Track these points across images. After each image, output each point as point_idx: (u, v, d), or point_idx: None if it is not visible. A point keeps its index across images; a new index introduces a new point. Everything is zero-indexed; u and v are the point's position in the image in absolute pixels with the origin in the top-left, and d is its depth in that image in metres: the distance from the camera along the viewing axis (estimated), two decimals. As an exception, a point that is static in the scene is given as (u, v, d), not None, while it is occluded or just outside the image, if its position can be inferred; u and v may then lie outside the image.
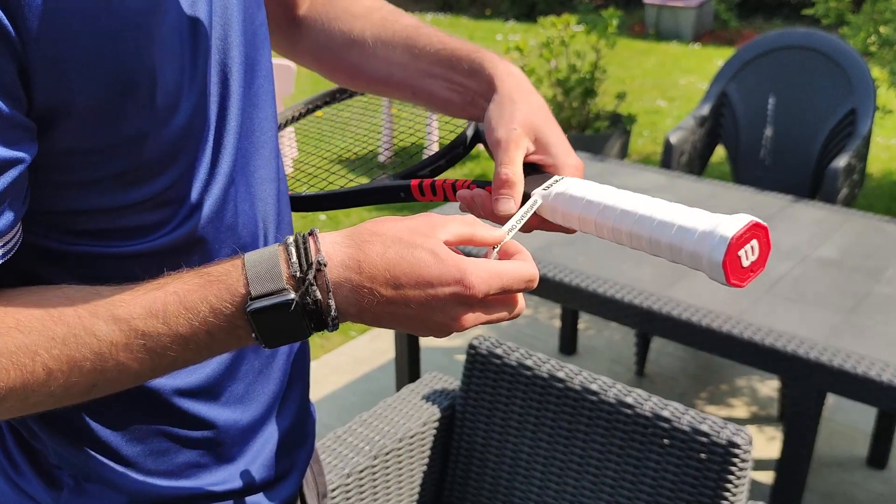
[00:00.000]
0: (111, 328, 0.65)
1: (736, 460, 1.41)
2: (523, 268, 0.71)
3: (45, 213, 0.69)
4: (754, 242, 0.67)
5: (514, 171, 0.79)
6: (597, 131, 4.91)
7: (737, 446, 1.40)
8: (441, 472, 1.72)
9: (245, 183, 0.81)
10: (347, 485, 1.53)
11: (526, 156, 0.82)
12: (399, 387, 2.60)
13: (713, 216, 0.69)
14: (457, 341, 3.40)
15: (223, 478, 0.87)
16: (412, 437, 1.63)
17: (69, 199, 0.69)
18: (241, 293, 0.66)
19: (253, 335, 0.67)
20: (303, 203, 0.97)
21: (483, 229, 0.73)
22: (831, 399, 2.90)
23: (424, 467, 1.68)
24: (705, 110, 3.35)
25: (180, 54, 0.69)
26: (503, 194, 0.79)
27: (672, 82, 7.76)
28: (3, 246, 0.64)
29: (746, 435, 1.41)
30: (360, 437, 1.61)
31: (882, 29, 3.78)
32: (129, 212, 0.72)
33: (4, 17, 0.57)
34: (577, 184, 0.79)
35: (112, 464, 0.81)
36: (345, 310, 0.67)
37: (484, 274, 0.68)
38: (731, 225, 0.67)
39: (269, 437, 0.92)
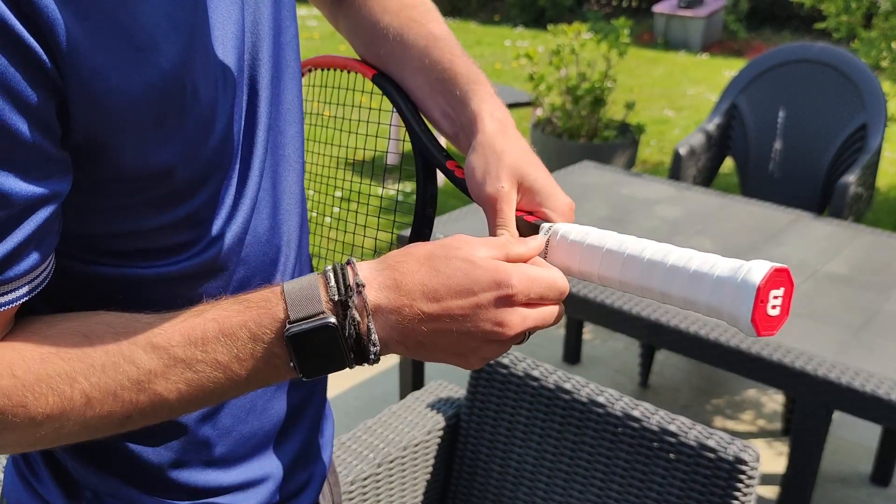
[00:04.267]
0: (150, 356, 0.64)
1: (743, 477, 1.40)
2: (558, 277, 0.71)
3: (75, 237, 0.68)
4: (780, 291, 0.64)
5: (511, 232, 0.78)
6: (605, 140, 4.91)
7: (744, 462, 1.39)
8: (444, 481, 1.72)
9: (271, 202, 0.81)
10: (351, 492, 1.52)
11: (517, 204, 0.81)
12: (402, 393, 2.59)
13: (731, 265, 0.65)
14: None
15: (242, 494, 0.87)
16: (416, 445, 1.63)
17: (102, 223, 0.69)
18: (280, 318, 0.65)
19: (291, 364, 0.66)
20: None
21: (515, 248, 0.72)
22: (836, 414, 2.89)
23: (428, 476, 1.67)
24: (715, 122, 3.34)
25: (213, 75, 0.69)
26: None
27: (680, 92, 7.75)
28: (28, 283, 0.63)
29: (754, 451, 1.40)
30: (364, 444, 1.61)
31: (894, 45, 3.77)
32: (160, 233, 0.71)
33: (41, 49, 0.56)
34: (572, 229, 0.77)
35: (132, 486, 0.81)
36: (387, 335, 0.67)
37: (523, 276, 0.68)
38: (756, 270, 0.63)
39: (286, 451, 0.91)
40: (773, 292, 0.63)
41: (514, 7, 11.16)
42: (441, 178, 1.03)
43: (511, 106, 5.17)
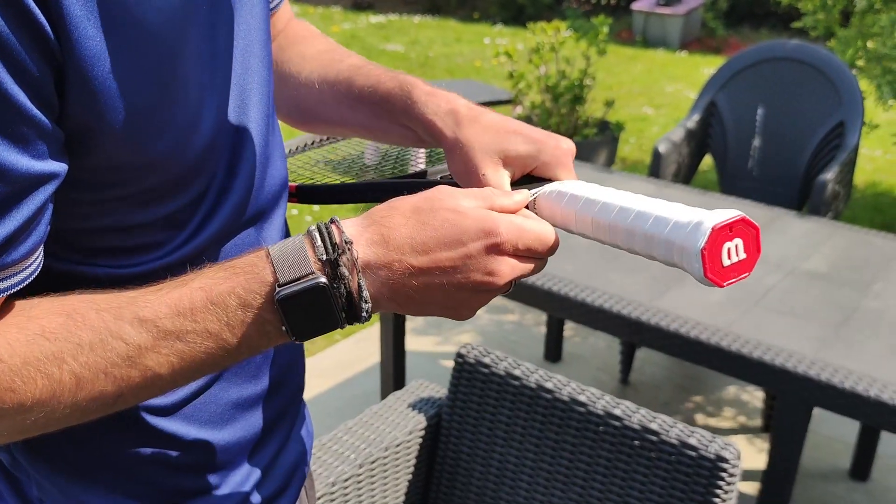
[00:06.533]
0: (138, 331, 0.63)
1: (724, 475, 1.40)
2: (546, 230, 0.70)
3: (54, 231, 0.66)
4: (739, 241, 0.64)
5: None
6: (585, 138, 4.91)
7: (725, 460, 1.39)
8: (426, 481, 1.71)
9: (256, 204, 0.80)
10: (332, 493, 1.51)
11: (513, 176, 0.80)
12: (384, 392, 2.58)
13: (699, 210, 0.66)
14: (443, 347, 3.39)
15: (214, 502, 0.85)
16: (398, 445, 1.62)
17: (84, 217, 0.67)
18: (269, 281, 0.64)
19: (283, 328, 0.65)
20: (307, 194, 0.94)
21: (499, 199, 0.71)
22: (815, 410, 2.91)
23: (410, 476, 1.66)
24: (694, 120, 3.35)
25: (200, 71, 0.68)
26: None
27: (659, 90, 7.78)
28: (24, 270, 0.62)
29: (735, 449, 1.41)
30: (345, 445, 1.60)
31: (870, 43, 3.79)
32: (141, 230, 0.70)
33: (45, 21, 0.55)
34: (566, 184, 0.77)
35: (98, 497, 0.79)
36: (377, 292, 0.66)
37: (511, 225, 0.67)
38: (717, 215, 0.64)
39: (261, 458, 0.90)
40: (727, 244, 0.63)
41: (494, 5, 11.16)
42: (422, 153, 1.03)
43: (491, 104, 5.17)
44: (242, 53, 0.75)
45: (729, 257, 0.64)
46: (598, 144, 4.90)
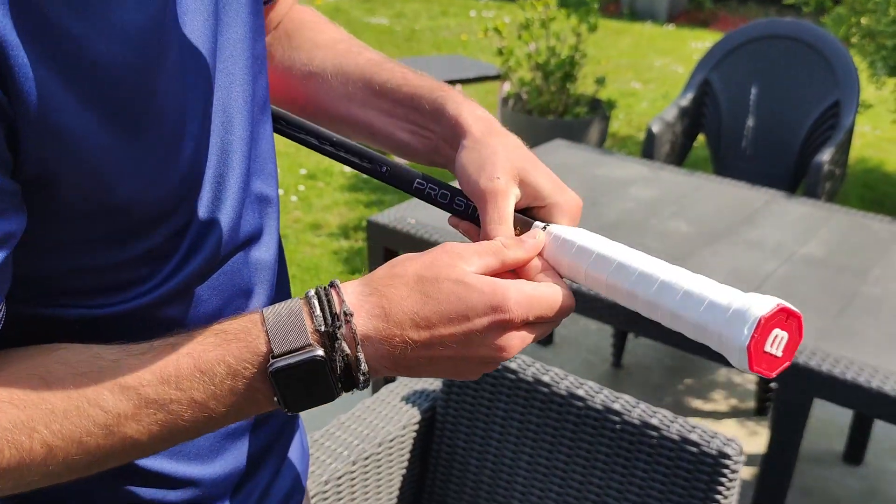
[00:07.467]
0: (118, 399, 0.58)
1: (726, 471, 1.37)
2: (559, 296, 0.66)
3: (29, 275, 0.61)
4: (785, 336, 0.59)
5: (507, 230, 0.71)
6: (576, 117, 4.85)
7: (727, 457, 1.37)
8: (420, 476, 1.68)
9: (244, 227, 0.75)
10: (325, 492, 1.48)
11: (515, 204, 0.75)
12: (375, 385, 2.54)
13: (738, 296, 0.62)
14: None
15: None
16: (392, 441, 1.58)
17: (54, 259, 0.62)
18: (263, 351, 0.60)
19: (275, 398, 0.61)
20: (284, 125, 0.89)
21: (512, 251, 0.67)
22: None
23: (404, 471, 1.63)
24: (687, 99, 3.30)
25: (179, 99, 0.63)
26: None
27: (647, 64, 7.72)
28: None
29: (737, 445, 1.38)
30: (338, 441, 1.56)
31: (863, 20, 3.75)
32: (119, 268, 0.65)
33: None
34: (569, 230, 0.72)
35: None
36: (376, 364, 0.62)
37: (521, 297, 0.63)
38: (779, 299, 0.60)
39: (253, 489, 0.85)
40: (777, 330, 0.59)
41: (480, -23, 11.04)
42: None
43: (479, 80, 5.10)
44: (226, 64, 0.70)
45: (771, 345, 0.59)
46: (589, 123, 4.84)
